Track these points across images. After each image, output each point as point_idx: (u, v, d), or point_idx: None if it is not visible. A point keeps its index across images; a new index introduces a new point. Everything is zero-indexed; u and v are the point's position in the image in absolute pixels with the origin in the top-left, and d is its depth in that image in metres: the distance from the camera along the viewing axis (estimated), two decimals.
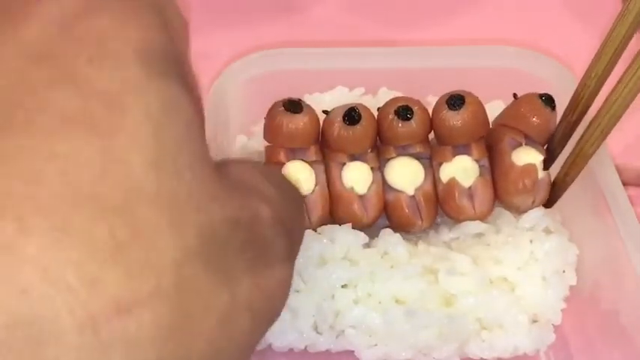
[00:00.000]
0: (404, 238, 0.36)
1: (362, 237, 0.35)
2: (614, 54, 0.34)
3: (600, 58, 0.35)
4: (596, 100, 0.36)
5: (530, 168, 0.36)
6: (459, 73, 0.41)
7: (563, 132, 0.37)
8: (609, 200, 0.36)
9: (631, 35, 0.34)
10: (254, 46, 0.44)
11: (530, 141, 0.37)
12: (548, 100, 0.37)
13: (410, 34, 0.50)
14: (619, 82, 0.33)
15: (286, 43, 0.44)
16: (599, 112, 0.34)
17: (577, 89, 0.36)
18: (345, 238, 0.35)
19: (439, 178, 0.37)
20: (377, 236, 0.36)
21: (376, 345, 0.34)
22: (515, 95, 0.38)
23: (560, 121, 0.38)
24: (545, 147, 0.38)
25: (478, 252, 0.36)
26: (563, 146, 0.38)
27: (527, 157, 0.37)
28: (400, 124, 0.36)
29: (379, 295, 0.34)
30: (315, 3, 0.52)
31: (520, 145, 0.37)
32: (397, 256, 0.35)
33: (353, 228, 0.36)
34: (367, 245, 0.36)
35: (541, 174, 0.36)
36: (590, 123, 0.35)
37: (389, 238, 0.35)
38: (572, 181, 0.37)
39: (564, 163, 0.37)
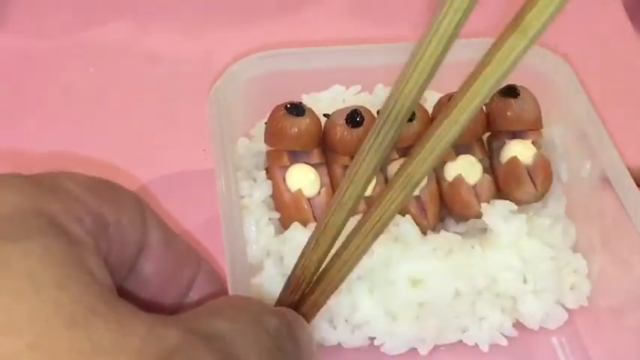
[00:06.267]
0: None
1: None
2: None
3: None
4: None
5: (512, 162, 0.37)
6: (452, 66, 0.42)
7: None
8: (613, 182, 0.36)
9: None
10: (246, 49, 0.44)
11: (519, 134, 0.38)
12: (509, 91, 0.38)
13: (409, 29, 0.50)
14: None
15: (280, 45, 0.44)
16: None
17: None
18: None
19: (443, 177, 0.38)
20: None
21: (394, 332, 0.35)
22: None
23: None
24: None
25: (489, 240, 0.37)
26: None
27: (512, 151, 0.38)
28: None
29: (395, 282, 0.35)
30: (305, 5, 0.51)
31: (504, 143, 0.38)
32: (410, 239, 0.36)
33: None
34: None
35: (529, 160, 0.37)
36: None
37: (401, 223, 0.36)
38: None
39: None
